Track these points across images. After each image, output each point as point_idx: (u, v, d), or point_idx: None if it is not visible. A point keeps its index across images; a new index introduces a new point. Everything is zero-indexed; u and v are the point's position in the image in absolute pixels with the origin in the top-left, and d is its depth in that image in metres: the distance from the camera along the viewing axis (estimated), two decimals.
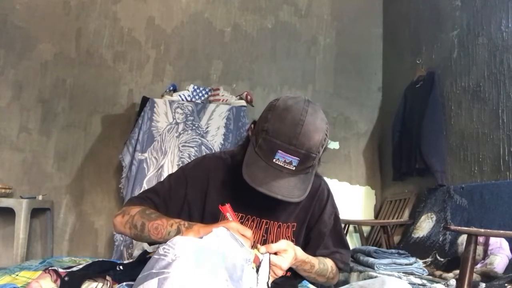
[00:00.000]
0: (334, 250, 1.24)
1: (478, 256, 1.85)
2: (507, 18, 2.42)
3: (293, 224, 1.20)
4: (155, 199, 1.18)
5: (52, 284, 1.07)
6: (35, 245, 3.18)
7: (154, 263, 0.79)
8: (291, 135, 0.98)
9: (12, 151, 3.21)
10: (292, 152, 0.98)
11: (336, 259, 1.24)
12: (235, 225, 1.00)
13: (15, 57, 3.30)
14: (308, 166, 1.03)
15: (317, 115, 1.03)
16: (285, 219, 1.19)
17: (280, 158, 0.99)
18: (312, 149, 1.00)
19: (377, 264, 2.12)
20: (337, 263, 1.24)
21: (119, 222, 1.15)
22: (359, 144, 3.68)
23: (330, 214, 1.25)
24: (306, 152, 0.99)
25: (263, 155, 1.01)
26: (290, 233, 1.19)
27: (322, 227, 1.23)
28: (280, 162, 0.99)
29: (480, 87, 2.57)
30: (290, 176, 1.01)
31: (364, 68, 3.79)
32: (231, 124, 2.92)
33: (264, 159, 1.01)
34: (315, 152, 1.01)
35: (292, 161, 0.99)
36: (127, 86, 3.42)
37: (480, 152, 2.53)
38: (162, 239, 1.04)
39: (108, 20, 3.47)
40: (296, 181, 1.02)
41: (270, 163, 1.00)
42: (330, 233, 1.24)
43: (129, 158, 2.83)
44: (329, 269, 1.20)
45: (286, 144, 0.98)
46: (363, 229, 3.26)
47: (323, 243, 1.23)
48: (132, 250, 2.56)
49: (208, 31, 3.59)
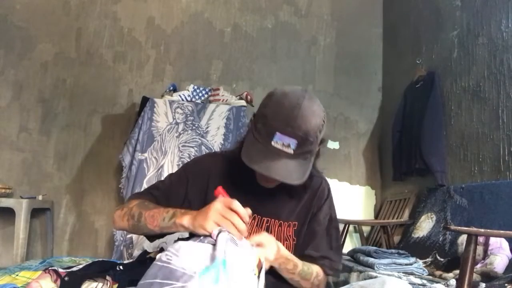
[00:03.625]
0: (324, 254, 1.18)
1: (478, 256, 1.85)
2: (507, 18, 2.42)
3: (294, 222, 1.18)
4: (156, 192, 1.19)
5: (52, 284, 1.07)
6: (35, 245, 3.18)
7: (157, 271, 0.75)
8: (288, 117, 0.99)
9: (12, 151, 3.21)
10: (290, 134, 0.99)
11: (325, 265, 1.17)
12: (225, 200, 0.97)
13: (15, 57, 3.30)
14: (307, 151, 1.03)
15: (314, 101, 1.05)
16: (286, 217, 1.18)
17: (278, 141, 1.00)
18: (309, 132, 1.01)
19: (377, 264, 2.12)
20: (325, 270, 1.18)
21: (118, 216, 1.15)
22: (359, 144, 3.68)
23: (325, 214, 1.22)
24: (303, 135, 1.00)
25: (262, 138, 1.02)
26: (291, 232, 1.18)
27: (315, 225, 1.20)
28: (278, 145, 1.00)
29: (480, 87, 2.57)
30: (288, 159, 1.01)
31: (364, 68, 3.79)
32: (231, 124, 2.92)
33: (262, 142, 1.02)
34: (312, 136, 1.02)
35: (290, 144, 1.00)
36: (127, 86, 3.42)
37: (480, 152, 2.53)
38: (158, 227, 1.03)
39: (108, 20, 3.47)
40: (294, 165, 1.02)
41: (269, 146, 1.01)
42: (323, 234, 1.20)
43: (129, 158, 2.83)
44: (314, 274, 1.14)
45: (284, 125, 0.99)
46: (363, 229, 3.26)
47: (314, 243, 1.18)
48: (132, 250, 2.56)
49: (208, 31, 3.59)
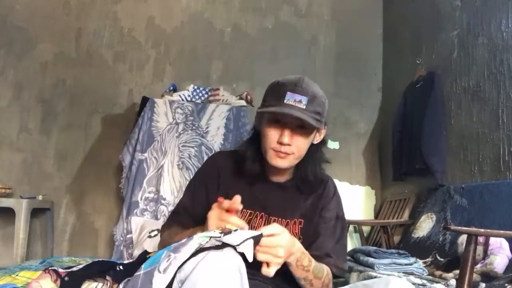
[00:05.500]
0: (329, 253, 1.14)
1: (478, 256, 1.85)
2: (507, 18, 2.42)
3: (300, 220, 1.18)
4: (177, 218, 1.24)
5: (52, 284, 1.07)
6: (35, 245, 3.18)
7: None
8: (296, 82, 1.09)
9: (12, 151, 3.21)
10: (300, 92, 1.07)
11: (330, 264, 1.13)
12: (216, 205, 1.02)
13: (15, 57, 3.30)
14: (317, 112, 1.09)
15: (313, 82, 1.13)
16: (293, 215, 1.18)
17: (290, 98, 1.07)
18: (316, 93, 1.09)
19: (377, 264, 2.12)
20: (331, 269, 1.14)
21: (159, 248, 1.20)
22: (359, 144, 3.68)
23: (331, 213, 1.20)
24: (312, 94, 1.08)
25: (274, 101, 1.08)
26: (297, 230, 1.17)
27: (321, 222, 1.18)
28: (291, 102, 1.06)
29: (480, 87, 2.57)
30: (302, 113, 1.06)
31: (364, 68, 3.79)
32: (231, 124, 2.92)
33: (275, 104, 1.08)
34: (320, 98, 1.10)
35: (301, 100, 1.07)
36: (127, 86, 3.42)
37: (480, 152, 2.53)
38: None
39: (108, 20, 3.47)
40: (307, 117, 1.06)
41: (282, 104, 1.07)
42: (328, 233, 1.17)
43: (129, 158, 2.83)
44: (325, 273, 1.11)
45: (293, 86, 1.08)
46: (363, 229, 3.26)
47: (317, 242, 1.15)
48: (132, 250, 2.56)
49: (208, 31, 3.59)
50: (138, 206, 2.70)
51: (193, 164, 2.79)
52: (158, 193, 2.72)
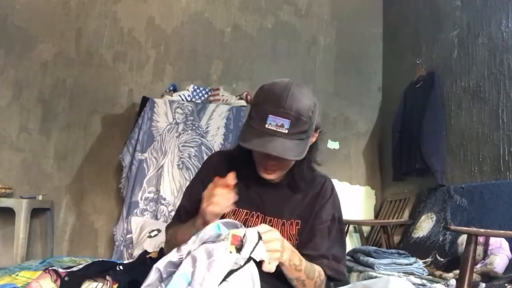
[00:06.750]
0: (323, 253, 1.13)
1: (478, 256, 1.85)
2: (507, 18, 2.42)
3: (297, 221, 1.18)
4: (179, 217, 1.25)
5: (52, 284, 1.07)
6: (35, 245, 3.18)
7: None
8: (279, 99, 1.03)
9: (12, 151, 3.21)
10: (282, 114, 1.02)
11: (323, 265, 1.11)
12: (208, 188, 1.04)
13: (15, 57, 3.30)
14: (301, 131, 1.05)
15: (302, 86, 1.09)
16: (289, 216, 1.18)
17: (272, 122, 1.03)
18: (301, 111, 1.03)
19: (377, 264, 2.12)
20: (325, 270, 1.12)
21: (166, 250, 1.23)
22: (359, 144, 3.68)
23: (328, 213, 1.18)
24: (295, 114, 1.02)
25: (256, 123, 1.05)
26: (294, 231, 1.16)
27: (316, 222, 1.16)
28: (273, 126, 1.02)
29: (480, 87, 2.57)
30: (284, 139, 1.03)
31: (364, 68, 3.79)
32: (231, 124, 2.92)
33: (257, 127, 1.04)
34: (305, 116, 1.04)
35: (283, 123, 1.02)
36: (127, 86, 3.42)
37: (480, 152, 2.53)
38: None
39: (108, 20, 3.47)
40: (290, 144, 1.03)
41: (263, 129, 1.03)
42: (324, 234, 1.16)
43: (129, 158, 2.83)
44: (317, 273, 1.09)
45: (275, 107, 1.03)
46: (363, 229, 3.26)
47: (312, 243, 1.13)
48: (132, 250, 2.57)
49: (208, 31, 3.59)
50: (138, 206, 2.71)
51: (193, 164, 2.79)
52: (158, 193, 2.72)
